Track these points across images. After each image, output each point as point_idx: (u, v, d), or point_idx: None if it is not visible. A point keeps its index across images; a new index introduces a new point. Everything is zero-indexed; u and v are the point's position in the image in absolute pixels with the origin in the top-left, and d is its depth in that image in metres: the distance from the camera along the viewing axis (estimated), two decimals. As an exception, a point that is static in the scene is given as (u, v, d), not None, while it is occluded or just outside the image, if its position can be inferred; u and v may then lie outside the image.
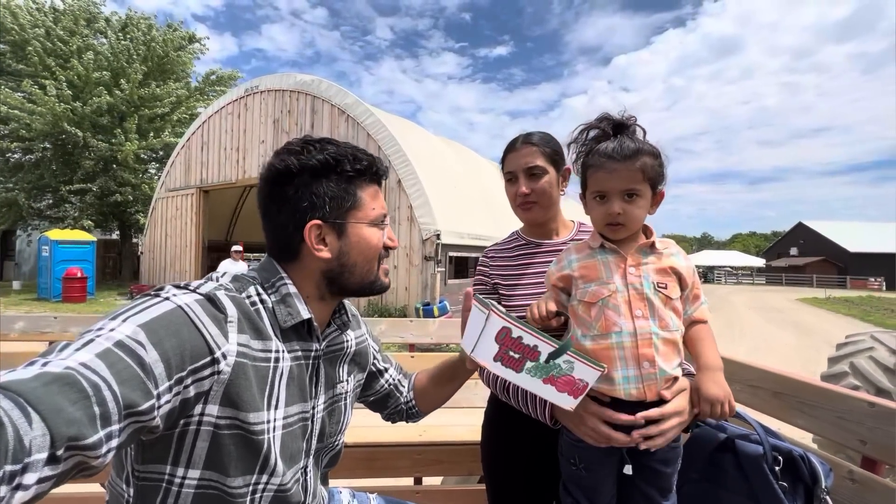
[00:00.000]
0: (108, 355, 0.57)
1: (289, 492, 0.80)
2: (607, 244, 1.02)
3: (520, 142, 1.22)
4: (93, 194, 16.64)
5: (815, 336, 10.26)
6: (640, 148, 0.97)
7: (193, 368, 0.66)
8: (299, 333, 0.84)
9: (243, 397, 0.72)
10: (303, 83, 11.99)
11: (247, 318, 0.76)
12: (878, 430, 1.03)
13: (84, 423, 0.51)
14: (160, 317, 0.65)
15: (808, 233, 48.21)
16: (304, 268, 0.85)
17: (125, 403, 0.56)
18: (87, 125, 16.32)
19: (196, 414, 0.69)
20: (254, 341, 0.75)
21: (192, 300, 0.70)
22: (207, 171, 14.16)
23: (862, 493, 1.04)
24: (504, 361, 0.88)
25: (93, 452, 0.52)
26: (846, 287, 36.49)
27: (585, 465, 1.00)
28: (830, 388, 1.19)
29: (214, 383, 0.69)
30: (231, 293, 0.77)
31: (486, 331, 0.86)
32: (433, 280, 9.62)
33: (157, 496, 0.71)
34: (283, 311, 0.81)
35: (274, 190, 0.84)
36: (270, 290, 0.82)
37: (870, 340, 3.02)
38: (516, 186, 1.21)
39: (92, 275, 13.47)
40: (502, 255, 1.29)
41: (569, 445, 1.03)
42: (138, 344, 0.60)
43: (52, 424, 0.48)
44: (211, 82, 20.77)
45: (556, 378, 0.89)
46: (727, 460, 1.07)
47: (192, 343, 0.66)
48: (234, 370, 0.71)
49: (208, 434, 0.71)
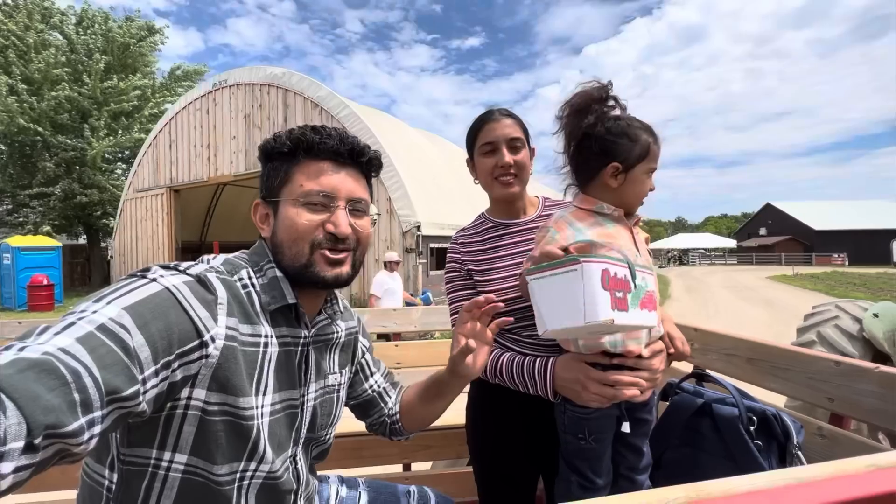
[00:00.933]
0: (90, 339, 0.55)
1: (279, 479, 0.79)
2: (616, 211, 1.02)
3: (497, 113, 1.18)
4: (56, 198, 15.92)
5: (785, 311, 10.68)
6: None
7: (181, 352, 0.65)
8: (287, 319, 0.82)
9: (233, 382, 0.71)
10: (273, 76, 11.69)
11: (237, 301, 0.74)
12: (844, 387, 1.08)
13: (63, 411, 0.49)
14: (146, 299, 0.63)
15: (776, 213, 50.04)
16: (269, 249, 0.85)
17: (107, 389, 0.54)
18: (46, 123, 15.57)
19: (183, 398, 0.68)
20: (243, 325, 0.74)
21: (181, 282, 0.69)
22: (177, 169, 13.72)
23: (831, 447, 1.09)
24: (618, 306, 0.79)
25: (73, 440, 0.51)
26: (812, 264, 38.10)
27: (595, 437, 1.01)
28: (800, 351, 1.24)
29: (202, 367, 0.68)
30: (222, 275, 0.75)
31: (589, 284, 0.77)
32: (415, 272, 9.60)
33: (143, 481, 0.69)
34: (268, 293, 0.79)
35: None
36: (259, 272, 0.81)
37: (835, 310, 3.16)
38: (497, 157, 1.15)
39: (59, 282, 12.93)
40: (472, 240, 1.26)
41: (575, 420, 1.03)
42: (122, 328, 0.58)
43: (29, 412, 0.47)
44: (177, 77, 20.04)
45: (643, 300, 0.84)
46: (705, 424, 1.10)
47: (180, 326, 0.65)
48: (222, 354, 0.69)
49: (195, 419, 0.69)
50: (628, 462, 1.07)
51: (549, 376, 1.04)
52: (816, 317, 3.22)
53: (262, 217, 0.85)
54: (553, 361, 1.05)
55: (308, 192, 0.80)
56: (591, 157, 1.02)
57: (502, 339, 1.19)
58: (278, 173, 0.82)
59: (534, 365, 1.07)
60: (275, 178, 0.83)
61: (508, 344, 1.18)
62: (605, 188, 1.03)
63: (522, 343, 1.16)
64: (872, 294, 13.84)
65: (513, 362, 1.10)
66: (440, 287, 10.26)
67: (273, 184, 0.83)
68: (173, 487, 0.70)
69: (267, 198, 0.84)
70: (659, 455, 1.18)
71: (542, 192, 1.41)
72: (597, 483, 1.02)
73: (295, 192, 0.80)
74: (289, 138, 0.81)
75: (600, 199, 1.03)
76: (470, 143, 1.23)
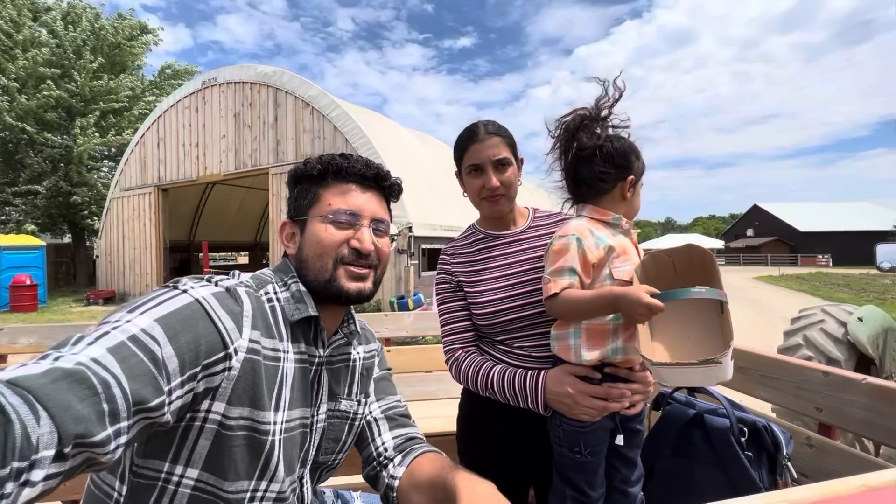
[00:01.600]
0: (121, 350, 0.57)
1: (286, 501, 0.78)
2: (626, 223, 1.08)
3: (482, 132, 1.16)
4: (41, 196, 15.60)
5: (771, 312, 10.85)
6: None
7: (207, 363, 0.66)
8: (305, 336, 0.83)
9: (254, 395, 0.72)
10: (264, 74, 11.57)
11: (261, 314, 0.76)
12: (832, 396, 1.10)
13: (92, 421, 0.51)
14: (177, 310, 0.65)
15: (763, 214, 50.79)
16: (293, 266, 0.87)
17: (135, 400, 0.56)
18: (31, 121, 15.24)
19: (202, 410, 0.69)
20: (265, 339, 0.75)
21: (209, 293, 0.70)
22: (165, 168, 13.51)
23: (819, 457, 1.11)
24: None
25: (101, 450, 0.52)
26: (797, 264, 38.74)
27: (591, 450, 1.01)
28: (788, 361, 1.25)
29: (224, 379, 0.69)
30: (250, 289, 0.78)
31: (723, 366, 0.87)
32: (406, 273, 9.57)
33: (152, 496, 0.69)
34: (291, 305, 0.81)
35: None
36: (283, 287, 0.83)
37: (820, 314, 3.22)
38: (483, 179, 1.16)
39: (43, 282, 12.68)
40: (462, 252, 1.27)
41: (571, 434, 1.03)
42: (152, 339, 0.60)
43: (60, 422, 0.48)
44: (167, 76, 19.76)
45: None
46: (697, 435, 1.11)
47: (208, 338, 0.66)
48: (243, 367, 0.70)
49: (212, 433, 0.70)
50: (622, 475, 1.08)
51: (540, 390, 1.04)
52: (803, 320, 3.27)
53: (289, 236, 0.89)
54: (544, 375, 1.05)
55: (336, 210, 0.84)
56: (608, 172, 1.06)
57: (492, 350, 1.19)
58: (307, 194, 0.87)
59: (525, 379, 1.07)
60: (304, 198, 0.87)
61: (499, 355, 1.17)
62: (618, 200, 1.08)
63: (513, 354, 1.15)
64: (855, 294, 14.12)
65: (503, 376, 1.10)
66: (432, 288, 10.26)
67: (301, 204, 0.87)
68: (182, 502, 0.70)
69: (294, 217, 0.88)
70: (651, 464, 1.19)
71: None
72: (591, 497, 1.03)
73: (323, 210, 0.85)
74: (319, 162, 0.87)
75: (613, 210, 1.07)
76: (457, 158, 1.22)
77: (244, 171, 12.09)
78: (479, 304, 1.17)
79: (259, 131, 11.67)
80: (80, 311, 11.79)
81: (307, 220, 0.85)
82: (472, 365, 1.15)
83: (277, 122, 11.35)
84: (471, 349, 1.21)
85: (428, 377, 2.32)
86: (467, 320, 1.22)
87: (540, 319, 1.13)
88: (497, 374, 1.11)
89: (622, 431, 1.01)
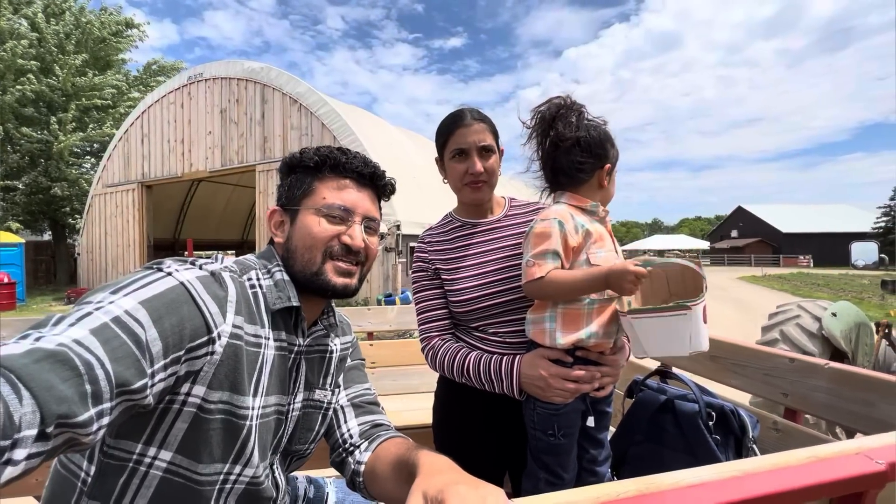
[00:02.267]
0: (104, 331, 0.57)
1: (261, 485, 0.79)
2: (603, 211, 1.11)
3: (469, 117, 1.17)
4: (20, 192, 15.22)
5: (753, 310, 11.06)
6: None
7: (190, 347, 0.66)
8: (286, 324, 0.83)
9: (234, 380, 0.72)
10: (251, 71, 11.44)
11: (244, 300, 0.76)
12: (798, 382, 1.13)
13: (75, 401, 0.51)
14: (162, 293, 0.65)
15: (747, 216, 51.73)
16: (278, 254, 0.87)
17: (118, 382, 0.55)
18: (8, 115, 14.86)
19: (182, 393, 0.68)
20: (247, 325, 0.75)
21: (194, 276, 0.70)
22: (150, 164, 13.27)
23: (785, 440, 1.14)
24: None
25: (83, 430, 0.52)
26: (780, 265, 39.54)
27: (564, 432, 1.04)
28: (757, 349, 1.29)
29: (206, 363, 0.69)
30: (234, 274, 0.77)
31: (695, 324, 0.92)
32: (394, 271, 9.56)
33: (121, 477, 0.69)
34: (273, 293, 0.81)
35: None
36: (266, 275, 0.83)
37: (796, 309, 3.30)
38: (467, 164, 1.16)
39: (21, 279, 12.37)
40: (439, 239, 1.27)
41: (545, 418, 1.05)
42: (136, 322, 0.60)
43: (43, 401, 0.48)
44: (153, 72, 19.44)
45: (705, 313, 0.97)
46: (667, 420, 1.14)
47: (192, 322, 0.66)
48: (225, 351, 0.70)
49: (190, 415, 0.69)
50: (590, 455, 1.10)
51: (514, 374, 1.06)
52: (780, 316, 3.35)
53: (277, 224, 0.88)
54: (518, 360, 1.07)
55: (330, 204, 0.84)
56: (586, 160, 1.08)
57: (467, 337, 1.20)
58: (301, 184, 0.87)
59: (500, 364, 1.08)
60: (297, 188, 0.87)
61: (474, 342, 1.19)
62: (595, 188, 1.10)
63: (488, 341, 1.17)
64: (834, 294, 14.46)
65: (479, 362, 1.11)
66: (420, 286, 10.26)
67: (294, 194, 0.87)
68: (151, 486, 0.69)
69: (286, 206, 0.88)
70: (624, 450, 1.21)
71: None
72: (564, 478, 1.05)
73: (317, 202, 0.85)
74: (316, 153, 0.86)
75: (590, 198, 1.09)
76: (440, 143, 1.22)
77: (231, 169, 11.94)
78: (457, 292, 1.18)
79: (246, 128, 11.54)
80: (60, 310, 11.52)
81: (299, 211, 0.85)
82: (449, 352, 1.16)
83: (265, 119, 11.23)
84: (447, 336, 1.22)
85: (410, 371, 2.32)
86: (444, 308, 1.22)
87: (516, 306, 1.14)
88: (472, 360, 1.12)
89: (592, 413, 1.03)
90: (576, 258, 1.04)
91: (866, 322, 3.21)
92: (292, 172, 0.89)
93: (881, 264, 5.84)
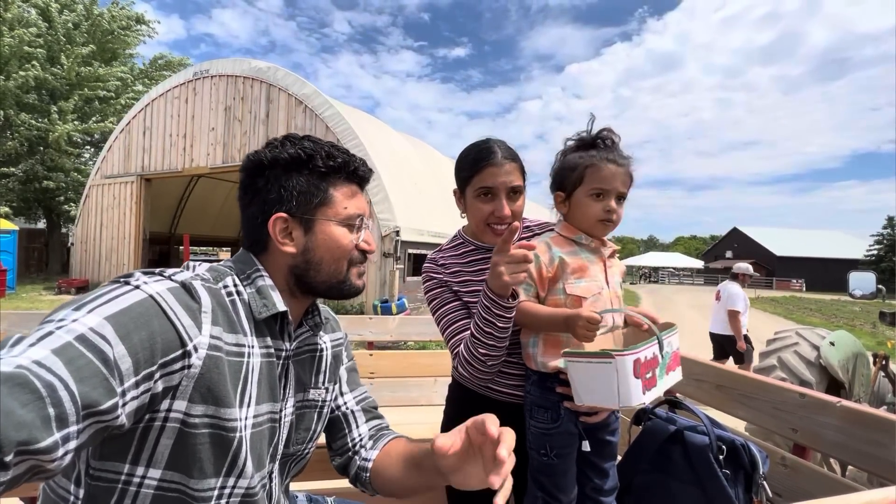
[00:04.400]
0: (67, 350, 0.53)
1: (255, 497, 0.76)
2: (593, 242, 1.08)
3: (500, 156, 1.10)
4: (15, 178, 15.09)
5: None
6: (630, 159, 1.08)
7: (163, 362, 0.62)
8: (271, 330, 0.81)
9: (217, 392, 0.68)
10: (258, 70, 11.47)
11: (222, 309, 0.73)
12: (808, 418, 1.12)
13: (36, 426, 0.48)
14: (129, 307, 0.61)
15: (742, 237, 52.19)
16: (273, 261, 0.83)
17: (84, 403, 0.52)
18: (10, 102, 14.79)
19: (162, 409, 0.65)
20: (227, 334, 0.72)
21: (164, 288, 0.66)
22: (150, 157, 13.22)
23: (793, 477, 1.13)
24: (647, 387, 0.88)
25: (47, 456, 0.49)
26: (773, 288, 39.81)
27: (556, 453, 1.04)
28: (766, 381, 1.28)
29: (184, 378, 0.66)
30: (207, 283, 0.73)
31: (622, 376, 0.85)
32: (392, 277, 9.53)
33: (111, 498, 0.66)
34: (258, 302, 0.78)
35: (247, 181, 0.84)
36: (246, 281, 0.80)
37: (795, 336, 3.31)
38: (494, 205, 1.10)
39: (13, 267, 12.24)
40: (453, 261, 1.25)
41: (538, 437, 1.06)
42: (102, 339, 0.56)
43: (1, 429, 0.45)
44: (159, 66, 19.46)
45: (670, 363, 0.93)
46: (676, 451, 1.12)
47: (164, 336, 0.63)
48: (205, 364, 0.67)
49: (174, 431, 0.67)
50: (593, 483, 1.09)
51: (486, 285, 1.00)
52: (778, 342, 3.36)
53: (284, 231, 0.81)
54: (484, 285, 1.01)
55: (351, 215, 0.85)
56: (555, 193, 1.13)
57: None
58: (316, 192, 0.82)
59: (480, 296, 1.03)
60: (312, 195, 0.82)
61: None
62: (576, 217, 1.10)
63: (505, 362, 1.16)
64: (826, 319, 14.56)
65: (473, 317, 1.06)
66: (416, 293, 10.22)
67: (309, 201, 0.82)
68: (145, 502, 0.67)
69: (301, 215, 0.81)
70: (630, 479, 1.19)
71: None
72: (561, 500, 1.04)
73: (339, 213, 0.84)
74: (330, 159, 0.83)
75: (573, 224, 1.10)
76: (464, 177, 1.15)
77: (232, 166, 11.92)
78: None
79: (249, 126, 11.54)
80: (49, 300, 11.39)
81: (315, 220, 0.82)
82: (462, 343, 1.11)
83: (269, 118, 11.24)
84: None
85: (409, 383, 2.30)
86: (468, 318, 1.15)
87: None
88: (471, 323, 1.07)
89: (590, 440, 1.03)
90: (553, 287, 1.06)
91: (863, 352, 3.23)
92: (297, 174, 0.81)
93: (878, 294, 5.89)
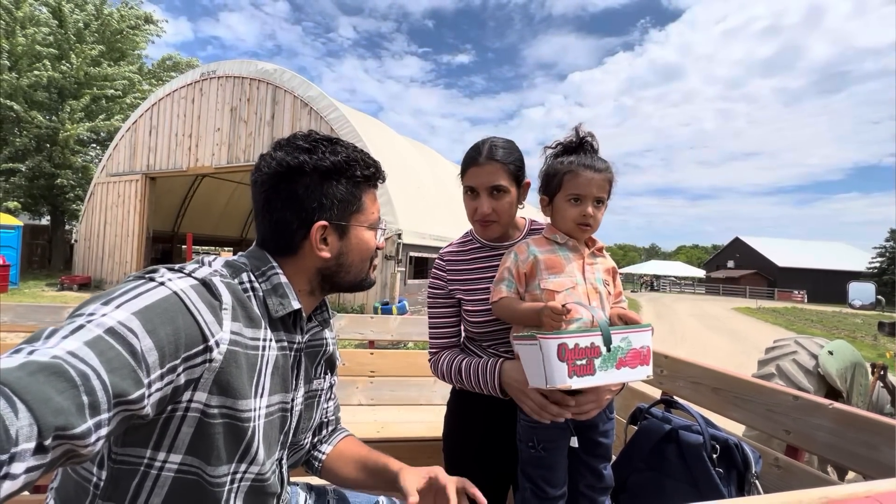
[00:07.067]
0: (98, 343, 0.57)
1: (267, 481, 0.80)
2: (570, 241, 1.11)
3: (483, 156, 1.14)
4: (22, 175, 15.19)
5: (747, 342, 11.09)
6: (609, 165, 1.11)
7: (187, 356, 0.66)
8: (285, 324, 0.84)
9: (234, 385, 0.72)
10: (264, 71, 11.56)
11: (241, 305, 0.76)
12: (801, 420, 1.14)
13: (72, 413, 0.51)
14: (155, 303, 0.64)
15: (744, 247, 52.04)
16: (300, 264, 0.86)
17: (115, 392, 0.55)
18: (20, 99, 14.93)
19: (184, 400, 0.69)
20: (246, 329, 0.75)
21: (188, 286, 0.70)
22: (155, 156, 13.31)
23: (786, 477, 1.14)
24: (578, 373, 0.90)
25: (81, 441, 0.52)
26: (774, 298, 39.67)
27: (543, 446, 1.07)
28: (761, 384, 1.30)
29: (205, 371, 0.69)
30: (226, 279, 0.76)
31: (546, 357, 0.89)
32: (393, 279, 9.55)
33: (134, 480, 0.69)
34: (274, 300, 0.81)
35: (281, 185, 0.82)
36: (261, 278, 0.82)
37: (794, 345, 3.31)
38: (476, 203, 1.16)
39: (16, 262, 12.30)
40: (457, 259, 1.29)
41: (526, 429, 1.09)
42: (130, 332, 0.60)
43: (40, 414, 0.48)
44: (167, 67, 19.64)
45: (624, 359, 0.94)
46: (671, 450, 1.14)
47: (188, 331, 0.66)
48: (225, 358, 0.71)
49: (194, 420, 0.70)
50: (587, 480, 1.12)
51: (496, 373, 1.11)
52: (776, 350, 3.36)
53: (322, 239, 0.85)
54: (502, 361, 1.12)
55: (378, 219, 0.93)
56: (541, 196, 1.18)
57: (472, 347, 1.26)
58: (353, 199, 0.87)
59: (486, 364, 1.14)
60: (349, 203, 0.87)
61: (476, 351, 1.25)
62: (555, 218, 1.14)
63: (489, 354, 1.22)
64: (827, 331, 14.51)
65: (470, 364, 1.17)
66: (417, 296, 10.24)
67: (346, 209, 0.86)
68: (164, 486, 0.70)
69: (338, 222, 0.86)
70: (625, 478, 1.21)
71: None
72: (549, 493, 1.06)
73: (369, 218, 0.91)
74: (367, 167, 0.88)
75: (555, 225, 1.14)
76: (461, 175, 1.22)
77: (237, 166, 11.98)
78: (472, 313, 1.21)
79: (255, 127, 11.61)
80: (51, 296, 11.43)
81: (349, 227, 0.87)
82: (447, 359, 1.24)
83: (274, 120, 11.32)
84: (455, 350, 1.27)
85: (409, 382, 2.32)
86: (454, 326, 1.28)
87: None
88: (465, 363, 1.18)
89: (582, 440, 1.06)
90: (530, 283, 1.10)
91: (862, 362, 3.23)
92: (335, 181, 0.84)
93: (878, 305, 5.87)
